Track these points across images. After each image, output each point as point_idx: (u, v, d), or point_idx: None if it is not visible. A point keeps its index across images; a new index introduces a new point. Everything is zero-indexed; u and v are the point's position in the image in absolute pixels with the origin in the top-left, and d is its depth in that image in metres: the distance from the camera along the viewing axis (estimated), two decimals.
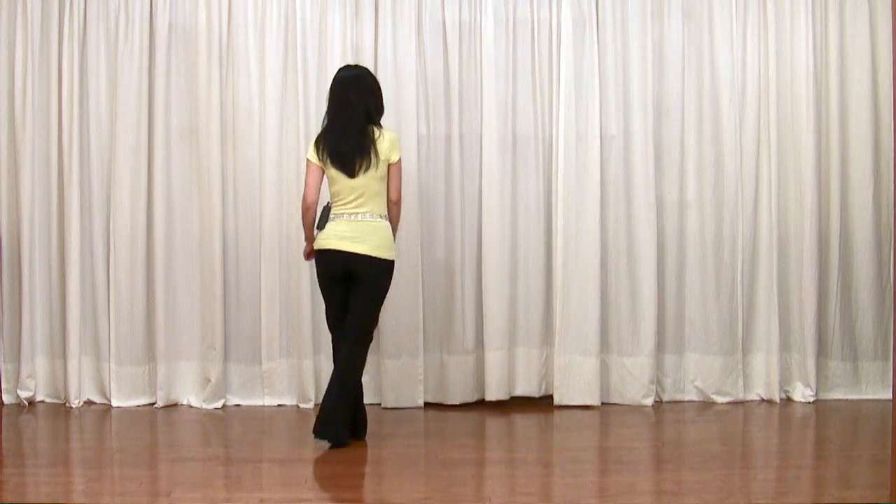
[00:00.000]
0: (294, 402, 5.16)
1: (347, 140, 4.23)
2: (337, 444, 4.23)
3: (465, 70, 5.13)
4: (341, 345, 4.30)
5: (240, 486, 3.76)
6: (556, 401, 5.10)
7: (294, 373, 5.15)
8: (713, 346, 5.17)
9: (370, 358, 5.14)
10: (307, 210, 4.33)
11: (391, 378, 5.09)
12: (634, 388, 5.14)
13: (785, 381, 5.21)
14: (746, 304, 5.19)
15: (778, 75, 5.15)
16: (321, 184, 4.33)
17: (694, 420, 4.87)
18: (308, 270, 5.07)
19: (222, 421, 4.90)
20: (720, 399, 5.16)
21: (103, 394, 5.17)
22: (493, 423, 4.75)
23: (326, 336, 5.07)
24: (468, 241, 5.15)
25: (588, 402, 5.09)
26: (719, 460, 4.09)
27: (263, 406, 5.15)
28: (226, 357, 5.15)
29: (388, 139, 4.27)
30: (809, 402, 5.12)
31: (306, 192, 4.30)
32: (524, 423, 4.48)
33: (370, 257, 4.22)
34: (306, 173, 4.34)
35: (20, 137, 5.09)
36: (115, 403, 5.11)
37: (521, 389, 5.18)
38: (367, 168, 4.22)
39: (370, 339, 4.39)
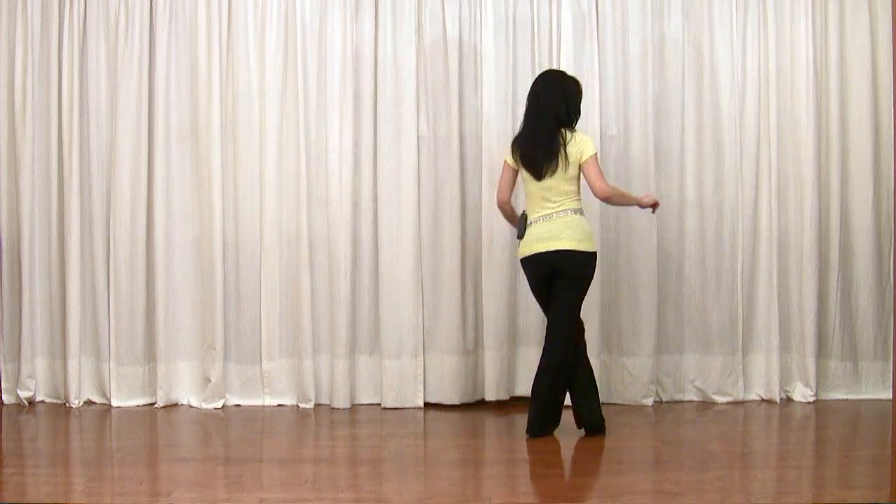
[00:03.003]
0: (294, 402, 5.15)
1: (536, 144, 4.36)
2: (537, 435, 4.41)
3: (465, 70, 5.13)
4: (548, 341, 4.40)
5: (240, 486, 3.76)
6: None
7: (294, 373, 5.15)
8: (713, 346, 5.17)
9: (370, 358, 5.17)
10: (500, 207, 4.59)
11: (391, 378, 5.09)
12: (634, 388, 5.14)
13: (785, 381, 5.20)
14: (746, 304, 5.19)
15: (778, 75, 5.15)
16: (514, 184, 4.52)
17: (694, 420, 4.87)
18: (308, 270, 5.08)
19: (222, 421, 4.90)
20: (720, 399, 5.16)
21: (103, 394, 5.17)
22: (493, 423, 4.74)
23: (327, 336, 5.11)
24: (469, 241, 5.14)
25: None
26: (719, 460, 4.08)
27: (263, 406, 5.15)
28: (226, 357, 5.14)
29: (579, 142, 4.34)
30: (809, 402, 5.12)
31: (497, 191, 4.57)
32: (524, 423, 4.47)
33: (570, 251, 4.31)
34: (502, 173, 4.53)
35: (20, 137, 5.09)
36: (115, 403, 5.11)
37: (521, 389, 5.17)
38: (555, 171, 4.33)
39: (576, 329, 4.44)
